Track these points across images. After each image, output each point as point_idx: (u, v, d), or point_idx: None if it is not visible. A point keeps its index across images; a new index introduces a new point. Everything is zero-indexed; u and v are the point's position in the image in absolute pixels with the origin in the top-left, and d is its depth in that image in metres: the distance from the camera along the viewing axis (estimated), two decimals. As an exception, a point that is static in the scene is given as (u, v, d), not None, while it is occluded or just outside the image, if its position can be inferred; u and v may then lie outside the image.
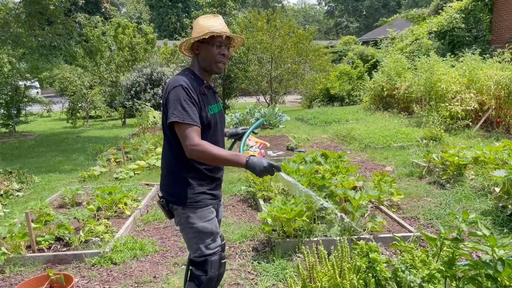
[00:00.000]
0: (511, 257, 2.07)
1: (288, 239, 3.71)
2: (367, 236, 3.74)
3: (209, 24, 2.17)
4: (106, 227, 4.26)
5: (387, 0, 52.36)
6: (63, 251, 3.85)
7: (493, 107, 8.50)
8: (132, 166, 7.05)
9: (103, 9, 34.60)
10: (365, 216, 4.34)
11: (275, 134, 10.30)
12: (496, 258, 2.04)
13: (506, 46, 10.12)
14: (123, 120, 15.80)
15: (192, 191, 2.20)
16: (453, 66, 9.97)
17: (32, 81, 15.70)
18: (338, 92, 16.95)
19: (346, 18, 56.90)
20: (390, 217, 4.38)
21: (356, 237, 3.65)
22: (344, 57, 21.40)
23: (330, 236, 3.69)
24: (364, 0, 54.45)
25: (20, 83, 14.58)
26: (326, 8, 62.67)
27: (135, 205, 5.06)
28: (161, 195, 2.30)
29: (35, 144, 11.36)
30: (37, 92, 22.21)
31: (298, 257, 3.55)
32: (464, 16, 14.34)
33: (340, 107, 15.36)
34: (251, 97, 19.29)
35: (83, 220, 4.37)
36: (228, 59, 2.30)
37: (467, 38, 14.18)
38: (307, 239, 3.67)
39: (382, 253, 3.46)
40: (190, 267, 2.32)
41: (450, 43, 14.40)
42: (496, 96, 8.44)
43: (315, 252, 2.56)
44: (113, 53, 17.12)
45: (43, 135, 13.40)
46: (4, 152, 10.09)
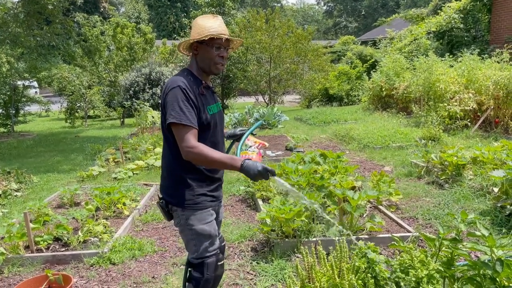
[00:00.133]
0: (510, 257, 2.08)
1: (287, 239, 3.71)
2: (367, 236, 3.75)
3: (208, 25, 2.14)
4: (105, 227, 4.25)
5: (386, 0, 52.39)
6: (62, 251, 3.85)
7: (492, 107, 8.51)
8: (131, 166, 7.05)
9: (102, 9, 34.57)
10: (364, 216, 4.34)
11: (274, 134, 10.30)
12: (495, 259, 2.05)
13: (505, 46, 10.14)
14: (122, 120, 15.78)
15: (192, 193, 2.20)
16: (452, 66, 9.97)
17: (31, 81, 15.68)
18: (337, 92, 16.96)
19: (345, 18, 56.92)
20: (389, 217, 4.38)
21: (355, 237, 3.65)
22: (343, 57, 21.40)
23: (329, 236, 3.70)
24: (363, 0, 54.47)
25: (19, 83, 14.56)
26: (325, 8, 62.70)
27: (134, 205, 5.06)
28: (161, 196, 2.29)
29: (34, 144, 11.34)
30: (36, 92, 22.17)
31: (297, 257, 3.55)
32: (463, 16, 14.36)
33: (339, 107, 15.37)
34: (250, 97, 19.29)
35: (82, 220, 4.37)
36: (227, 60, 2.29)
37: (466, 38, 14.20)
38: (306, 239, 3.67)
39: (381, 253, 3.46)
40: (189, 269, 2.32)
41: (449, 43, 14.41)
42: (495, 96, 8.45)
43: (314, 252, 2.56)
44: (112, 53, 17.11)
45: (42, 135, 13.38)
46: (3, 152, 10.08)
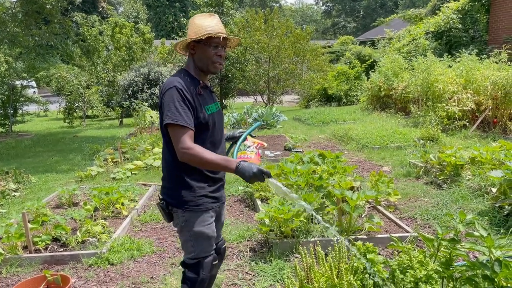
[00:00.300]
0: (508, 258, 2.08)
1: (286, 240, 3.71)
2: (365, 236, 3.75)
3: (205, 24, 2.13)
4: (103, 228, 4.24)
5: (384, 0, 52.45)
6: (60, 252, 3.84)
7: (490, 108, 8.53)
8: (129, 166, 7.04)
9: (100, 9, 34.54)
10: (363, 217, 4.35)
11: (273, 134, 10.31)
12: (493, 259, 2.05)
13: (503, 47, 10.14)
14: (120, 120, 15.76)
15: (193, 194, 2.18)
16: (450, 67, 9.98)
17: (29, 81, 15.66)
18: (336, 92, 16.96)
19: (344, 18, 56.96)
20: (388, 218, 4.38)
21: (354, 238, 3.66)
22: (342, 57, 21.41)
23: (328, 237, 3.70)
24: (362, 0, 54.52)
25: (17, 83, 14.53)
26: (324, 8, 62.74)
27: (132, 205, 5.05)
28: (161, 198, 2.27)
29: (32, 144, 11.32)
30: (34, 92, 22.17)
31: (296, 258, 3.55)
32: (461, 17, 14.37)
33: (338, 107, 15.37)
34: (249, 97, 19.28)
35: (80, 221, 4.36)
36: (225, 59, 2.29)
37: (464, 39, 14.21)
38: (305, 240, 3.67)
39: (379, 254, 3.47)
40: (183, 270, 2.31)
41: (447, 44, 14.43)
42: (493, 97, 8.46)
43: (313, 253, 2.55)
44: (110, 53, 17.08)
45: (40, 135, 13.36)
46: (1, 152, 10.06)
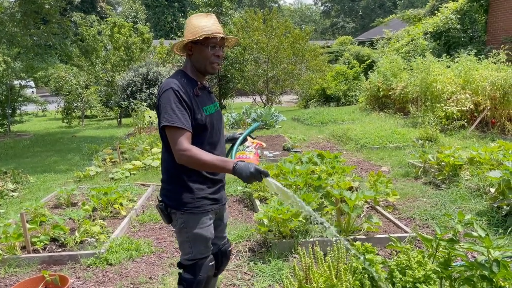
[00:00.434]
0: (506, 258, 2.09)
1: (284, 240, 3.71)
2: (364, 237, 3.75)
3: (202, 24, 2.11)
4: (102, 228, 4.24)
5: (383, 1, 52.51)
6: (58, 252, 3.83)
7: (488, 108, 8.54)
8: (128, 166, 7.03)
9: (99, 9, 34.50)
10: (361, 217, 4.34)
11: (272, 135, 10.31)
12: (492, 259, 2.05)
13: (501, 47, 10.16)
14: (119, 120, 15.74)
15: (192, 196, 2.17)
16: (449, 67, 10.00)
17: (27, 81, 15.63)
18: (334, 93, 16.97)
19: (342, 18, 57.00)
20: (386, 218, 4.39)
21: (352, 238, 3.66)
22: (340, 57, 21.42)
23: (326, 237, 3.70)
24: (360, 1, 54.58)
25: (15, 83, 14.50)
26: (322, 8, 62.80)
27: (131, 206, 5.05)
28: (160, 199, 2.26)
29: (30, 144, 11.30)
30: (32, 92, 22.15)
31: (294, 258, 3.55)
32: (460, 17, 14.40)
33: (336, 108, 15.38)
34: (247, 97, 19.29)
35: (79, 221, 4.36)
36: (224, 59, 2.27)
37: (463, 39, 14.24)
38: (303, 240, 3.67)
39: (378, 254, 3.47)
40: (179, 271, 2.30)
41: (446, 44, 14.45)
42: (491, 97, 8.48)
43: (311, 253, 2.55)
44: (109, 53, 17.06)
45: (38, 135, 13.34)
46: (-1, 152, 10.04)
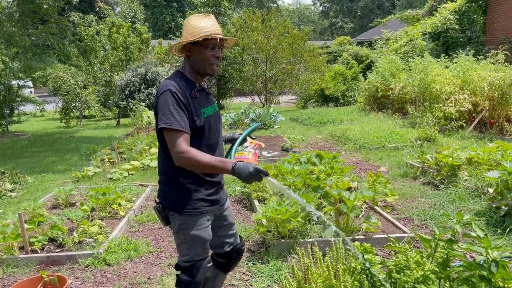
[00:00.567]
0: (505, 258, 2.09)
1: (283, 240, 3.70)
2: (362, 237, 3.75)
3: (201, 25, 2.09)
4: (100, 228, 4.23)
5: (382, 1, 52.58)
6: (57, 252, 3.83)
7: (487, 108, 8.55)
8: (126, 167, 7.02)
9: (97, 8, 34.45)
10: (360, 217, 4.35)
11: (270, 135, 10.30)
12: (490, 260, 2.05)
13: (500, 48, 10.18)
14: (117, 120, 15.72)
15: (190, 198, 2.16)
16: (447, 67, 10.01)
17: (26, 81, 15.59)
18: (333, 93, 16.97)
19: (341, 19, 57.06)
20: (385, 218, 4.39)
21: (351, 238, 3.66)
22: (339, 58, 21.44)
23: (325, 237, 3.70)
24: (359, 1, 54.64)
25: (13, 83, 14.47)
26: (321, 9, 62.86)
27: (129, 206, 5.04)
28: (158, 201, 2.25)
29: (28, 144, 11.28)
30: (31, 92, 22.06)
31: (293, 258, 3.55)
32: (458, 17, 14.43)
33: (335, 108, 15.38)
34: (246, 97, 19.28)
35: (77, 221, 4.35)
36: (223, 59, 2.26)
37: (461, 39, 14.26)
38: (302, 240, 3.67)
39: (377, 254, 3.47)
40: (177, 272, 2.29)
41: (444, 44, 14.47)
42: (490, 97, 8.49)
43: (310, 253, 2.55)
44: (107, 53, 17.03)
45: (37, 135, 13.31)
46: (-3, 152, 10.02)
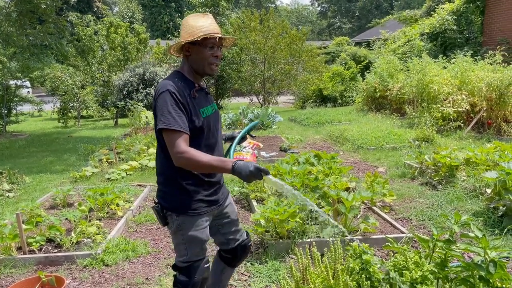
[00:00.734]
0: (503, 259, 2.09)
1: (281, 240, 3.70)
2: (360, 237, 3.75)
3: (200, 24, 2.08)
4: (98, 228, 4.22)
5: (380, 2, 52.64)
6: (55, 253, 3.82)
7: (485, 109, 8.57)
8: (124, 167, 7.01)
9: (95, 8, 34.42)
10: (358, 217, 4.35)
11: (268, 135, 10.31)
12: (488, 260, 2.06)
13: (498, 48, 10.22)
14: (115, 120, 15.70)
15: (188, 198, 2.16)
16: (445, 68, 10.03)
17: (23, 81, 15.55)
18: (331, 93, 16.99)
19: (339, 19, 57.10)
20: (383, 218, 4.39)
21: (349, 238, 3.66)
22: (337, 58, 21.45)
23: (323, 238, 3.70)
24: (357, 1, 54.69)
25: (11, 83, 14.43)
26: (319, 9, 62.89)
27: (127, 206, 5.03)
28: (156, 201, 2.25)
29: (26, 144, 11.25)
30: (28, 92, 22.02)
31: (291, 259, 3.55)
32: (456, 18, 14.45)
33: (333, 108, 15.40)
34: (244, 98, 19.28)
35: (75, 221, 4.34)
36: (221, 59, 2.25)
37: (459, 40, 14.29)
38: (300, 240, 3.67)
39: (375, 255, 3.47)
40: (174, 273, 2.29)
41: (442, 45, 14.50)
42: (488, 98, 8.51)
43: (308, 254, 2.55)
44: (105, 53, 17.01)
45: (34, 135, 13.28)
46: (-5, 152, 9.99)
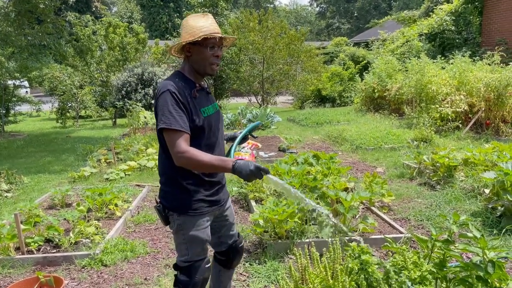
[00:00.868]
0: (501, 259, 2.10)
1: (280, 241, 3.70)
2: (359, 237, 3.75)
3: (200, 25, 2.09)
4: (97, 229, 4.21)
5: (378, 2, 52.68)
6: (53, 253, 3.81)
7: (483, 109, 8.58)
8: (123, 167, 7.00)
9: (94, 8, 34.40)
10: (357, 217, 4.35)
11: (267, 135, 10.30)
12: (487, 260, 2.06)
13: (496, 49, 10.23)
14: (114, 120, 15.68)
15: (189, 198, 2.17)
16: (444, 68, 10.05)
17: (22, 81, 15.52)
18: (330, 93, 17.00)
19: (338, 20, 57.13)
20: (381, 218, 4.40)
21: (348, 238, 3.66)
22: (336, 58, 21.47)
23: (322, 238, 3.70)
24: (356, 2, 54.73)
25: (9, 83, 14.40)
26: (318, 9, 62.90)
27: (126, 206, 5.02)
28: (159, 201, 2.26)
29: (24, 144, 11.23)
30: (26, 92, 22.00)
31: (290, 259, 3.55)
32: (454, 19, 14.48)
33: (332, 108, 15.41)
34: (243, 98, 19.27)
35: (73, 222, 4.33)
36: (221, 60, 2.24)
37: (457, 41, 14.32)
38: (299, 241, 3.67)
39: (374, 255, 3.47)
40: (175, 273, 2.29)
41: (441, 45, 14.52)
42: (486, 98, 8.52)
43: (307, 254, 2.56)
44: (104, 53, 16.99)
45: (32, 135, 13.26)
46: (-7, 152, 9.97)
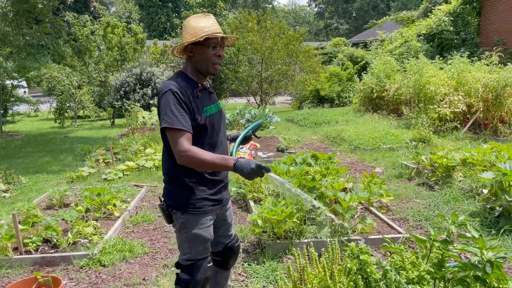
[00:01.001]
0: (499, 259, 2.10)
1: (279, 241, 3.70)
2: (358, 238, 3.75)
3: (202, 25, 2.11)
4: (95, 229, 4.21)
5: (377, 3, 52.74)
6: (51, 253, 3.80)
7: (481, 110, 8.60)
8: (121, 167, 7.00)
9: (92, 8, 34.34)
10: (355, 218, 4.35)
11: (266, 135, 10.30)
12: (485, 260, 2.06)
13: (494, 49, 10.25)
14: (112, 121, 15.66)
15: (193, 197, 2.18)
16: (442, 69, 10.06)
17: (19, 81, 15.49)
18: (328, 94, 17.02)
19: (336, 20, 57.17)
20: (380, 219, 4.40)
21: (346, 239, 3.66)
22: (334, 59, 21.49)
23: (321, 238, 3.70)
24: (354, 2, 54.78)
25: (7, 83, 14.37)
26: (316, 10, 62.93)
27: (124, 207, 5.02)
28: (163, 199, 2.28)
29: (22, 144, 11.21)
30: (25, 92, 21.94)
31: (289, 259, 3.55)
32: (453, 19, 14.51)
33: (330, 109, 15.42)
34: (241, 98, 19.26)
35: (71, 222, 4.32)
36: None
37: (456, 41, 14.34)
38: (298, 241, 3.67)
39: (372, 255, 3.48)
40: (176, 271, 2.30)
41: (439, 46, 14.55)
42: (484, 99, 8.53)
43: (306, 254, 2.55)
44: (102, 53, 16.96)
45: (31, 135, 13.23)
46: (-9, 152, 9.94)
